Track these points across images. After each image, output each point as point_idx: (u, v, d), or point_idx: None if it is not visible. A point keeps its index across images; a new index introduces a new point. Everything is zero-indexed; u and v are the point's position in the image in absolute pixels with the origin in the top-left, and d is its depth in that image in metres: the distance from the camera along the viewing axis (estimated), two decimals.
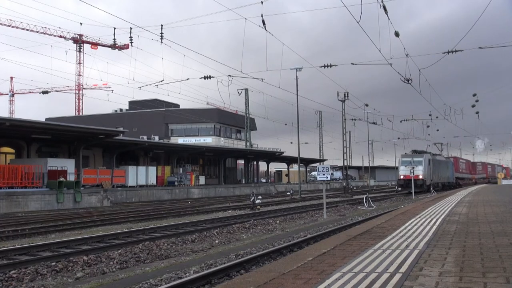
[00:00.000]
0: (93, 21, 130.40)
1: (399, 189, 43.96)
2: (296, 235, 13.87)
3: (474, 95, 41.98)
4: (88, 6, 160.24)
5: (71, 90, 78.62)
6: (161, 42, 22.45)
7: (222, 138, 66.06)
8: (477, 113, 45.20)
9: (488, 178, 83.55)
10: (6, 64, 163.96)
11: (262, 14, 18.37)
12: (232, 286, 4.70)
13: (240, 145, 66.55)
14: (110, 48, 71.96)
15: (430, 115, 51.58)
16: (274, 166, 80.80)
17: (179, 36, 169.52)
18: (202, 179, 50.09)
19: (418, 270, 4.78)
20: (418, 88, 27.58)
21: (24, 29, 70.15)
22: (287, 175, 76.41)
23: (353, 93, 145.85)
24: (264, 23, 18.74)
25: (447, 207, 14.96)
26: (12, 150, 32.92)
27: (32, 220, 19.17)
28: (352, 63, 28.47)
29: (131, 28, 23.09)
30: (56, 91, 76.76)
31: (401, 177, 43.03)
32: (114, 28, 27.73)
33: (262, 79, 28.63)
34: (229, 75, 29.48)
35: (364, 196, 27.62)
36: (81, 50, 76.38)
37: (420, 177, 42.04)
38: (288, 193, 38.56)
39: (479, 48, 24.04)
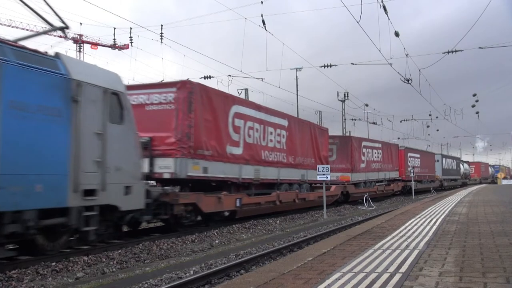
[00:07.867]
0: (93, 21, 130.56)
1: None
2: (296, 235, 13.87)
3: (474, 95, 41.93)
4: (88, 6, 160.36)
5: None
6: (161, 42, 22.50)
7: None
8: (477, 113, 45.16)
9: (405, 181, 37.18)
10: None
11: (262, 14, 18.41)
12: (232, 286, 4.71)
13: None
14: (110, 48, 71.89)
15: (430, 115, 51.58)
16: None
17: (181, 35, 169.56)
18: None
19: (418, 270, 4.78)
20: (418, 88, 27.54)
21: (24, 29, 70.08)
22: None
23: (353, 93, 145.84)
24: (264, 23, 18.76)
25: (447, 207, 14.97)
26: None
27: None
28: (352, 63, 28.43)
29: (131, 28, 23.21)
30: None
31: None
32: (114, 28, 27.99)
33: (262, 78, 28.55)
34: (229, 75, 29.46)
35: (364, 196, 27.60)
36: (81, 50, 76.30)
37: None
38: None
39: (479, 48, 24.03)
